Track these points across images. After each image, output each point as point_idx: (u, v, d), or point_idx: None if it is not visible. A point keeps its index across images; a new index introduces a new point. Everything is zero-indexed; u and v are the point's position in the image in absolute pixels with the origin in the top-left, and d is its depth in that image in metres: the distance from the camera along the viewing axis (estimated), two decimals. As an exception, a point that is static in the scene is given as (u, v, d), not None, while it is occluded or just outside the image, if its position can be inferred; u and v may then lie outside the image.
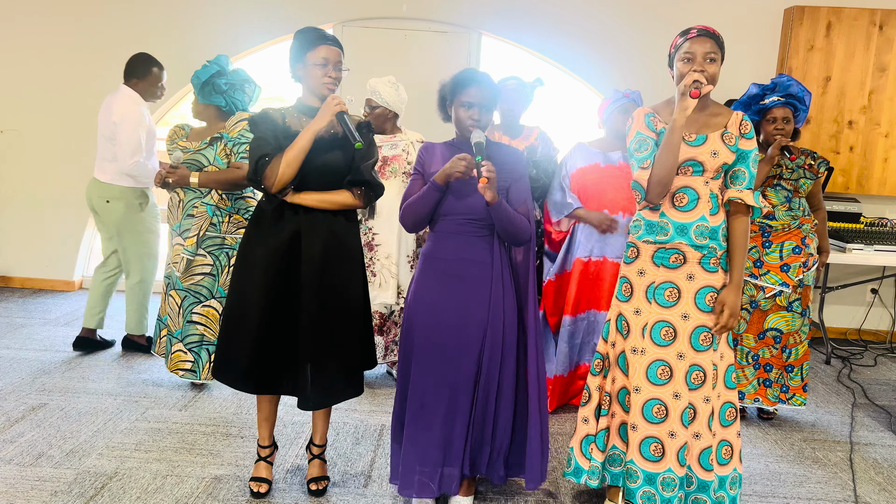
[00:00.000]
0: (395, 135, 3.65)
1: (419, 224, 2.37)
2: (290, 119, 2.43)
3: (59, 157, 5.34)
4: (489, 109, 2.34)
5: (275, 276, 2.40)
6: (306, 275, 2.39)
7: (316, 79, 2.39)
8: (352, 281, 2.50)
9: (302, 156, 2.32)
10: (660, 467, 2.35)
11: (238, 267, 2.47)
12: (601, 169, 3.40)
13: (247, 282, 2.42)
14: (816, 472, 3.04)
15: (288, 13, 5.11)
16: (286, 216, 2.41)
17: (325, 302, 2.41)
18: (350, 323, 2.48)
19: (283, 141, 2.36)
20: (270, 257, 2.40)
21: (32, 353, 3.97)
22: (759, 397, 3.45)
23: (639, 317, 2.39)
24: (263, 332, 2.40)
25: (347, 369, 2.49)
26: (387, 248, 3.60)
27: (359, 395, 2.56)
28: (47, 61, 5.24)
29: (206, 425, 3.17)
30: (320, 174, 2.39)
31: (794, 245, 3.36)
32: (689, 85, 2.20)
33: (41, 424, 3.08)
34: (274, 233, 2.40)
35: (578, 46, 5.14)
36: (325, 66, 2.37)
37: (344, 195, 2.44)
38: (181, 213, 3.42)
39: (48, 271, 5.47)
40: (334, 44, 2.40)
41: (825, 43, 4.85)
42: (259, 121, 2.41)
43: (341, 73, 2.43)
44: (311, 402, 2.43)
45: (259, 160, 2.34)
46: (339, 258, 2.45)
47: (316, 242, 2.40)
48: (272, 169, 2.32)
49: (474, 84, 2.32)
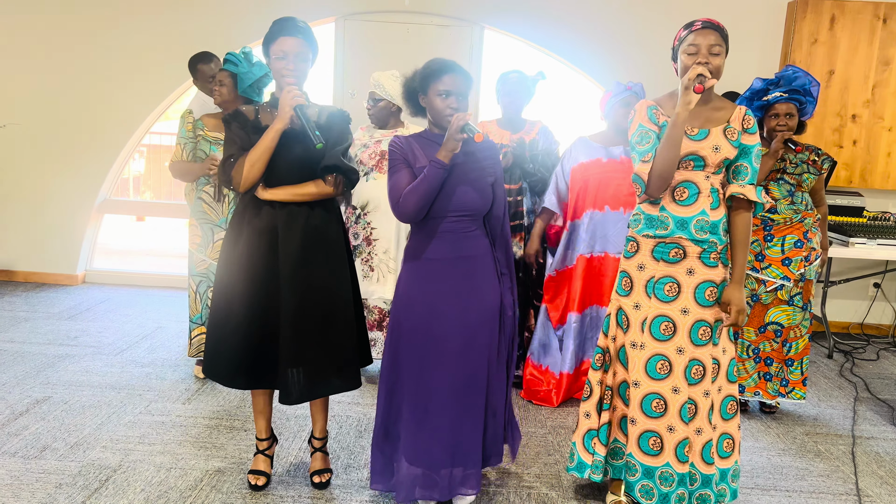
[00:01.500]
0: (396, 129, 3.65)
1: (422, 210, 2.25)
2: (263, 115, 2.43)
3: (62, 151, 5.35)
4: (465, 97, 2.29)
5: (256, 273, 2.38)
6: (284, 270, 2.38)
7: (277, 72, 2.37)
8: (335, 273, 2.46)
9: (266, 155, 2.31)
10: (658, 461, 2.35)
11: (221, 265, 2.46)
12: (603, 164, 3.40)
13: (230, 280, 2.42)
14: (818, 465, 3.05)
15: (288, 6, 5.09)
16: (263, 212, 2.40)
17: (305, 296, 2.39)
18: (336, 316, 2.45)
19: (254, 137, 2.35)
20: (251, 254, 2.39)
21: (36, 347, 3.98)
22: (759, 391, 3.46)
23: (638, 311, 2.39)
24: (249, 328, 2.39)
25: (333, 363, 2.46)
26: (384, 242, 3.60)
27: (354, 388, 2.52)
28: (48, 55, 5.25)
29: (210, 418, 3.18)
30: (296, 168, 2.38)
31: (796, 239, 3.36)
32: (692, 79, 2.19)
33: (45, 417, 3.09)
34: (253, 229, 2.40)
35: (580, 40, 5.13)
36: (285, 58, 2.33)
37: (315, 184, 2.40)
38: (227, 207, 3.44)
39: (51, 265, 5.49)
40: (296, 34, 2.32)
41: (829, 36, 4.84)
42: (231, 119, 2.41)
43: (306, 66, 2.38)
44: (292, 396, 2.41)
45: (225, 161, 2.36)
46: (320, 251, 2.43)
47: (294, 237, 2.38)
48: (237, 170, 2.33)
49: (448, 72, 2.25)
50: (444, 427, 2.30)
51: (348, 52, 5.20)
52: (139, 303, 5.05)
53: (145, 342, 4.17)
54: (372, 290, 3.62)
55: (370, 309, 3.67)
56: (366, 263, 3.63)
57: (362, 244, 3.63)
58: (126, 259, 6.84)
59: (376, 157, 3.59)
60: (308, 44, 2.37)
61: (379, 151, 3.60)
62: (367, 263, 3.63)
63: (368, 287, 3.63)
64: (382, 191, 3.55)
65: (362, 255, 3.63)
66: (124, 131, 5.34)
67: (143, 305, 4.98)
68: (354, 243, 3.65)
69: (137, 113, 5.32)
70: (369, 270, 3.63)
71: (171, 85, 5.26)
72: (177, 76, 5.22)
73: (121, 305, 4.96)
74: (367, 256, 3.63)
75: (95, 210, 5.48)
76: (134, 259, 6.88)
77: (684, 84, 2.21)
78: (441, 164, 2.22)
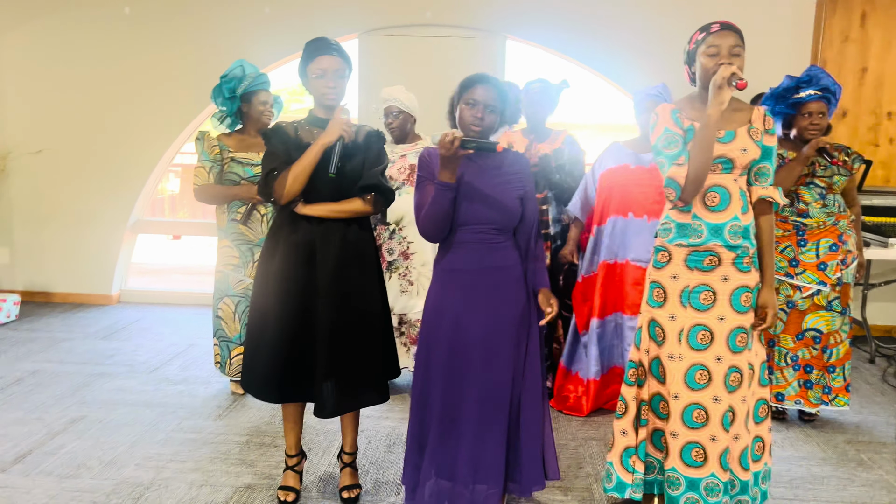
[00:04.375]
0: (416, 143, 3.66)
1: (440, 231, 2.27)
2: (302, 131, 2.47)
3: (95, 173, 5.46)
4: (495, 111, 2.25)
5: (292, 287, 2.41)
6: (322, 284, 2.41)
7: (317, 90, 2.42)
8: (368, 289, 2.51)
9: (309, 169, 2.35)
10: (703, 472, 2.29)
11: (258, 280, 2.50)
12: (630, 170, 3.35)
13: (266, 294, 2.45)
14: (861, 474, 2.95)
15: (312, 26, 5.15)
16: (300, 227, 2.43)
17: (341, 310, 2.42)
18: (368, 331, 2.49)
19: (294, 153, 2.39)
20: (287, 269, 2.42)
21: (73, 367, 4.06)
22: (800, 399, 3.36)
23: (674, 322, 2.34)
24: (284, 342, 2.42)
25: (366, 376, 2.49)
26: (422, 255, 3.61)
27: (382, 402, 2.55)
28: (78, 78, 5.38)
29: (240, 435, 3.20)
30: (333, 184, 2.41)
31: (831, 242, 3.26)
32: (726, 77, 2.13)
33: (81, 436, 3.14)
34: (290, 244, 2.43)
35: (604, 46, 5.08)
36: (323, 76, 2.38)
37: (354, 203, 2.44)
38: (265, 226, 3.48)
39: (87, 286, 5.60)
40: (331, 52, 2.38)
41: (860, 33, 4.72)
42: (271, 134, 2.46)
43: (344, 81, 2.42)
44: (326, 409, 2.43)
45: (268, 174, 2.38)
46: (355, 266, 2.46)
47: (330, 252, 2.42)
48: (280, 183, 2.36)
49: (480, 83, 2.25)
50: (467, 440, 2.29)
51: (372, 67, 5.23)
52: (172, 321, 5.12)
53: (178, 360, 4.23)
54: (413, 304, 3.62)
55: (412, 323, 3.66)
56: (404, 278, 3.63)
57: (399, 259, 3.63)
58: (160, 277, 6.96)
59: (406, 171, 3.60)
60: (343, 60, 2.41)
61: (408, 165, 3.61)
62: (405, 278, 3.63)
63: (409, 301, 3.62)
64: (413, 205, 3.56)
65: (399, 270, 3.63)
66: (154, 152, 5.44)
67: (175, 324, 5.05)
68: (390, 259, 3.63)
69: (166, 134, 5.41)
70: (408, 285, 3.63)
71: (199, 105, 5.34)
72: (204, 96, 5.29)
73: (154, 324, 5.03)
74: (406, 271, 3.62)
75: (129, 230, 5.58)
76: (168, 277, 7.00)
77: (717, 83, 2.15)
78: (445, 185, 2.19)
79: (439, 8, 5.12)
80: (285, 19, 5.19)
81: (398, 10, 5.15)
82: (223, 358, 3.60)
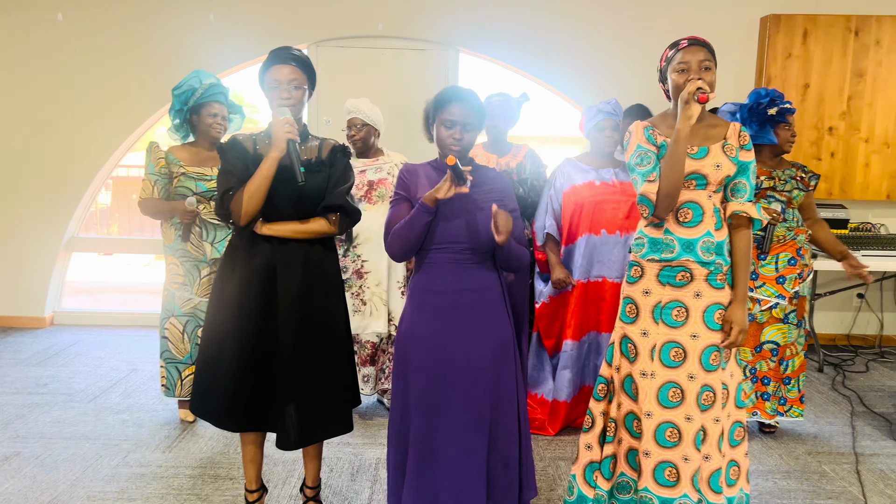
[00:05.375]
0: (377, 158, 3.55)
1: (408, 252, 2.20)
2: (262, 145, 2.33)
3: (26, 187, 5.14)
4: (472, 128, 2.20)
5: (253, 310, 2.27)
6: (283, 309, 2.27)
7: (272, 101, 2.30)
8: (333, 311, 2.39)
9: (265, 185, 2.22)
10: (675, 493, 2.25)
11: (213, 302, 2.34)
12: (596, 187, 3.31)
13: (223, 318, 2.30)
14: (826, 486, 2.97)
15: (260, 35, 5.00)
16: (259, 248, 2.29)
17: (305, 336, 2.29)
18: (332, 356, 2.37)
19: (253, 169, 2.25)
20: (246, 292, 2.27)
21: (4, 397, 3.77)
22: (757, 410, 3.39)
23: (646, 339, 2.30)
24: (242, 368, 2.27)
25: (331, 406, 2.37)
26: (377, 275, 3.48)
27: (347, 432, 2.43)
28: (11, 89, 5.06)
29: (192, 467, 3.01)
30: (294, 203, 2.28)
31: (790, 256, 3.31)
32: (692, 92, 2.14)
33: (16, 475, 2.90)
34: (248, 266, 2.28)
35: (553, 61, 5.09)
36: (277, 87, 2.26)
37: (319, 223, 2.32)
38: (208, 245, 3.32)
39: (17, 308, 5.26)
40: (287, 62, 2.26)
41: (802, 50, 4.87)
42: (227, 149, 2.31)
43: (301, 93, 2.29)
44: (290, 439, 2.30)
45: (224, 194, 2.24)
46: (319, 289, 2.34)
47: (293, 274, 2.29)
48: (237, 202, 2.22)
49: (455, 101, 2.18)
50: (449, 469, 2.18)
51: (323, 78, 5.07)
52: (111, 344, 4.84)
53: (119, 386, 3.98)
54: (365, 325, 3.49)
55: (362, 344, 3.55)
56: (357, 297, 3.50)
57: (352, 278, 3.50)
58: (95, 297, 6.61)
59: (364, 187, 3.48)
60: (302, 71, 2.29)
61: (366, 181, 3.49)
62: (358, 297, 3.50)
63: (361, 322, 3.49)
64: (373, 222, 3.43)
65: (353, 289, 3.50)
66: (92, 165, 5.16)
67: (115, 347, 4.78)
68: (343, 277, 3.51)
69: (105, 146, 5.14)
70: (361, 304, 3.50)
71: (140, 116, 5.10)
72: (147, 107, 5.07)
73: (92, 348, 4.75)
74: (359, 290, 3.50)
75: (63, 248, 5.27)
76: (103, 297, 6.65)
77: (683, 99, 2.16)
78: (426, 209, 2.13)
79: (391, 20, 5.04)
80: (232, 28, 5.02)
81: (349, 22, 5.04)
82: (171, 380, 3.41)
